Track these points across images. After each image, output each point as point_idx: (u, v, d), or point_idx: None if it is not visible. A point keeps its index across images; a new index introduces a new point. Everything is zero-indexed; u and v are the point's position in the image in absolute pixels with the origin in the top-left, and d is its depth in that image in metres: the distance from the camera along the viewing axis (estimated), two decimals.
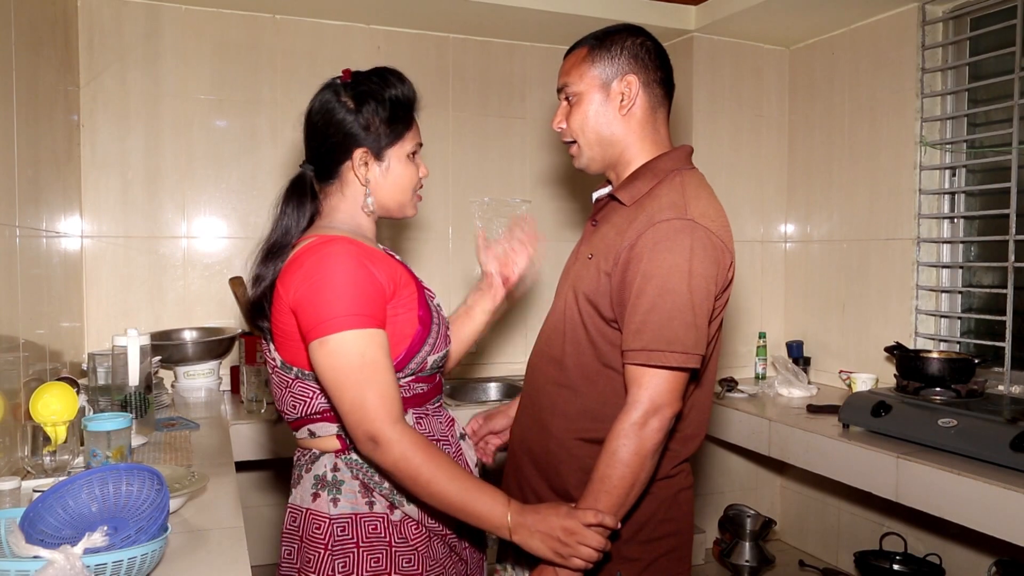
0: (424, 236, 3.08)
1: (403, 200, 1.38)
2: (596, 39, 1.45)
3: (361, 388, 1.19)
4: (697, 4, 2.97)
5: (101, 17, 2.65)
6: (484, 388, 3.10)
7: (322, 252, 1.25)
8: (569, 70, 1.46)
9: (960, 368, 2.25)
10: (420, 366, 1.33)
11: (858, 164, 2.94)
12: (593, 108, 1.42)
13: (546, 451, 1.43)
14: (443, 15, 2.88)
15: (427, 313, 1.33)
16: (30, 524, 1.10)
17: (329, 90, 1.34)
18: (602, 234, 1.41)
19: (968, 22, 2.66)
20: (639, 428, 1.25)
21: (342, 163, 1.34)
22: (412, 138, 1.37)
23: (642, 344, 1.26)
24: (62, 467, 1.57)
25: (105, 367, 1.92)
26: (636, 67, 1.41)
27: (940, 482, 1.91)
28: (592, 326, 1.38)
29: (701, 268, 1.28)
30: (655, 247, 1.27)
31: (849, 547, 2.93)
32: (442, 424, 1.41)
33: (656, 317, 1.25)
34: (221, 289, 2.83)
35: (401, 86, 1.35)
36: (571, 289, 1.43)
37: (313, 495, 1.32)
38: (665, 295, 1.25)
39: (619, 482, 1.25)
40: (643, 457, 1.25)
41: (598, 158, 1.45)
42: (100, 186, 2.68)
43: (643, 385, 1.26)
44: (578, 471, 1.38)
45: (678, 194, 1.33)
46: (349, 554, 1.29)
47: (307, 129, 1.37)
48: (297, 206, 1.36)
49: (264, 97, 2.85)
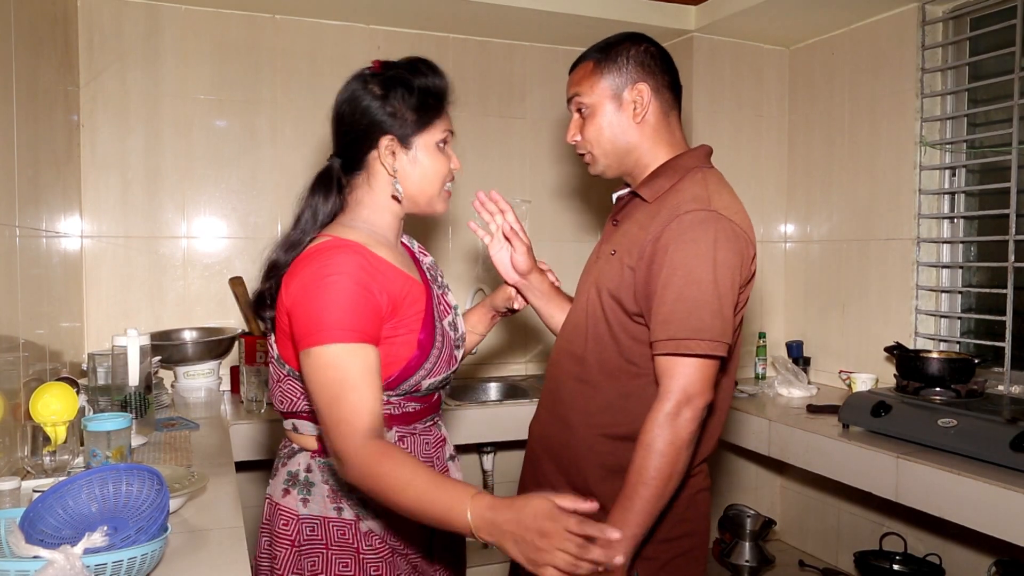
0: (423, 236, 3.09)
1: (431, 193, 1.35)
2: (600, 51, 1.46)
3: (337, 402, 1.16)
4: (697, 4, 2.97)
5: (101, 17, 2.65)
6: (484, 388, 3.10)
7: (325, 259, 1.22)
8: (579, 82, 1.47)
9: (960, 368, 2.25)
10: (414, 388, 1.31)
11: (858, 164, 2.94)
12: (607, 119, 1.44)
13: (566, 447, 1.44)
14: (443, 15, 2.88)
15: (429, 337, 1.30)
16: (30, 524, 1.10)
17: (357, 80, 1.31)
18: (624, 231, 1.42)
19: (968, 22, 2.66)
20: (673, 418, 1.26)
21: (369, 152, 1.30)
22: (441, 127, 1.33)
23: (669, 334, 1.27)
24: (62, 467, 1.57)
25: (105, 367, 1.92)
26: (644, 74, 1.43)
27: (940, 482, 1.91)
28: (615, 321, 1.39)
29: (725, 258, 1.29)
30: (680, 238, 1.29)
31: (849, 547, 2.93)
32: (429, 445, 1.38)
33: (683, 306, 1.27)
34: (221, 289, 2.83)
35: (432, 74, 1.32)
36: (593, 286, 1.44)
37: (284, 491, 1.33)
38: (691, 284, 1.27)
39: (656, 474, 1.25)
40: (678, 448, 1.26)
41: (615, 165, 1.47)
42: (100, 186, 2.68)
43: (674, 375, 1.28)
44: (598, 467, 1.39)
45: (701, 188, 1.36)
46: (319, 555, 1.29)
47: (334, 120, 1.34)
48: (323, 198, 1.32)
49: (264, 97, 2.85)
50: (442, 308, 1.40)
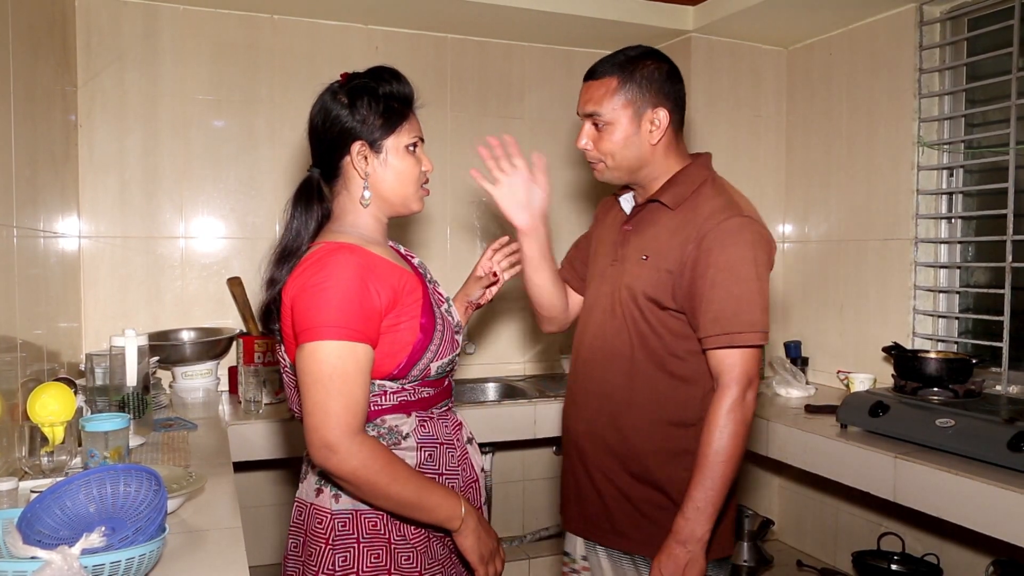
0: (422, 236, 3.08)
1: (405, 193, 1.39)
2: (621, 68, 1.51)
3: (328, 395, 1.21)
4: (695, 4, 2.97)
5: (99, 17, 2.65)
6: (482, 388, 3.10)
7: (324, 260, 1.27)
8: (600, 100, 1.52)
9: (958, 368, 2.26)
10: (423, 372, 1.35)
11: (856, 164, 2.94)
12: (624, 136, 1.52)
13: (622, 439, 1.56)
14: (441, 15, 2.88)
15: (430, 320, 1.35)
16: (28, 525, 1.10)
17: (327, 92, 1.39)
18: (651, 236, 1.54)
19: (966, 22, 2.66)
20: (741, 401, 1.43)
21: (342, 158, 1.37)
22: (409, 131, 1.38)
23: (724, 328, 1.42)
24: (60, 467, 1.57)
25: (103, 367, 1.92)
26: (663, 98, 1.51)
27: (938, 482, 1.91)
28: (654, 320, 1.51)
29: (762, 258, 1.46)
30: (723, 242, 1.44)
31: (847, 547, 2.93)
32: (448, 428, 1.43)
33: (733, 303, 1.42)
34: (219, 289, 2.83)
35: (395, 81, 1.38)
36: (625, 288, 1.55)
37: (316, 490, 1.36)
38: (738, 283, 1.42)
39: (735, 451, 1.42)
40: (747, 427, 1.44)
41: (624, 176, 1.58)
42: (98, 186, 2.67)
43: (735, 364, 1.44)
44: (658, 452, 1.53)
45: (726, 196, 1.51)
46: (350, 549, 1.31)
47: (309, 132, 1.41)
48: (305, 209, 1.38)
49: (262, 97, 2.85)
50: (437, 297, 1.45)
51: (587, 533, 1.64)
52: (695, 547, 1.42)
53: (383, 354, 1.29)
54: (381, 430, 1.34)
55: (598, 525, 1.61)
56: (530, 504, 3.32)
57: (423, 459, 1.36)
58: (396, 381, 1.33)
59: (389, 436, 1.34)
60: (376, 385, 1.32)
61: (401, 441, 1.35)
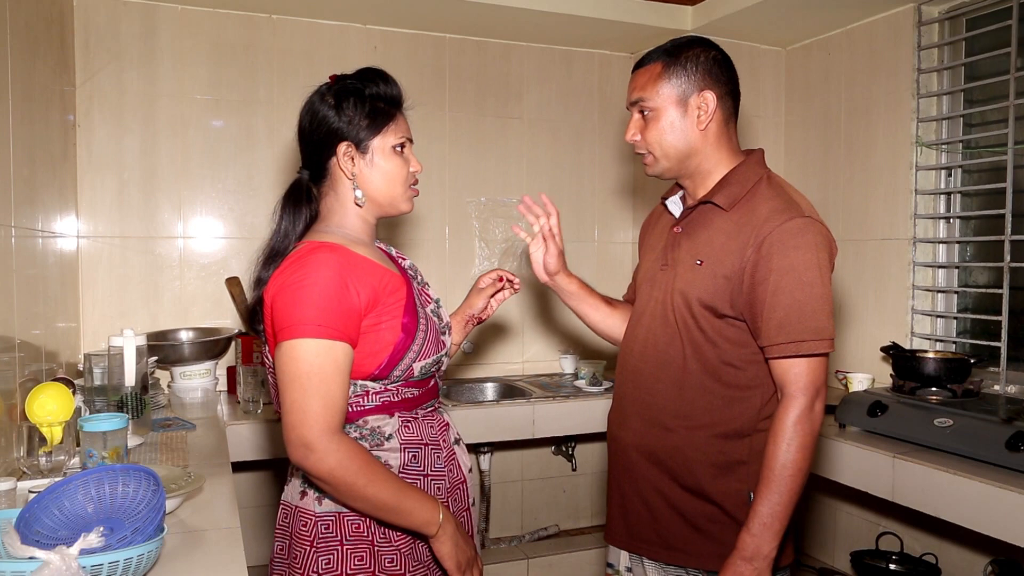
0: (420, 236, 3.08)
1: (393, 194, 1.39)
2: (668, 54, 1.48)
3: (306, 394, 1.21)
4: (693, 4, 2.97)
5: (97, 17, 2.64)
6: (481, 388, 3.10)
7: (304, 259, 1.27)
8: (645, 85, 1.48)
9: (956, 368, 2.26)
10: (406, 372, 1.34)
11: (854, 164, 2.94)
12: (670, 123, 1.46)
13: (673, 450, 1.49)
14: (440, 15, 2.87)
15: (412, 320, 1.34)
16: (26, 525, 1.10)
17: (315, 94, 1.39)
18: (705, 240, 1.47)
19: (964, 23, 2.67)
20: (809, 412, 1.36)
21: (329, 159, 1.37)
22: (396, 131, 1.38)
23: (789, 337, 1.35)
24: (58, 468, 1.56)
25: (101, 367, 1.92)
26: (711, 82, 1.46)
27: (936, 482, 1.91)
28: (709, 328, 1.44)
29: (826, 260, 1.39)
30: (784, 245, 1.36)
31: (845, 546, 2.94)
32: (433, 428, 1.42)
33: (798, 310, 1.35)
34: (217, 289, 2.82)
35: (382, 82, 1.38)
36: (679, 295, 1.47)
37: (301, 493, 1.35)
38: (803, 288, 1.35)
39: (804, 464, 1.35)
40: (815, 439, 1.37)
41: (674, 168, 1.51)
42: (96, 186, 2.67)
43: (801, 373, 1.36)
44: (710, 466, 1.46)
45: (785, 195, 1.42)
46: (334, 551, 1.31)
47: (298, 133, 1.41)
48: (293, 210, 1.39)
49: (260, 97, 2.85)
50: (423, 298, 1.45)
51: (633, 547, 1.57)
52: (761, 564, 1.36)
53: (364, 354, 1.29)
54: (363, 431, 1.33)
55: (645, 538, 1.54)
56: (528, 504, 3.32)
57: (407, 460, 1.35)
58: (378, 381, 1.32)
59: (371, 437, 1.33)
60: (358, 385, 1.31)
61: (384, 442, 1.34)
